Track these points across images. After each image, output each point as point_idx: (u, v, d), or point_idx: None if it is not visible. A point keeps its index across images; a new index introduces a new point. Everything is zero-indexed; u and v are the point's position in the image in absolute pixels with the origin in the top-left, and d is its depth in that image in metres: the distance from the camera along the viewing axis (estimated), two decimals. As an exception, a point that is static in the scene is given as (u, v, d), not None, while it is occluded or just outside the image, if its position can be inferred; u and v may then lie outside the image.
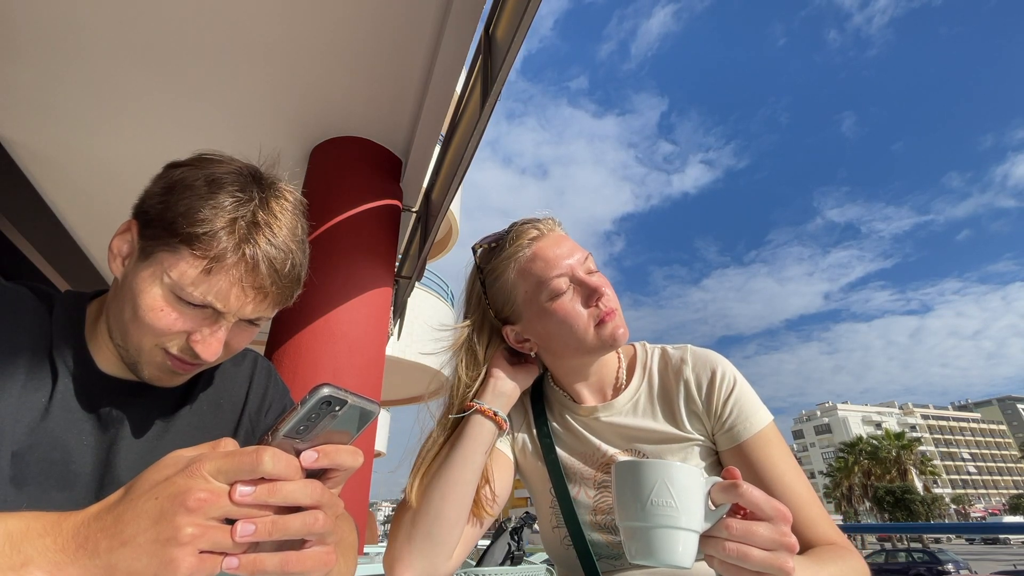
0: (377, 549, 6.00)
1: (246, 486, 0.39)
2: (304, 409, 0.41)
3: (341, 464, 0.43)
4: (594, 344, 0.85)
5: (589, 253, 0.89)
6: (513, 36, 1.99)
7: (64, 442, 0.64)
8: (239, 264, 0.62)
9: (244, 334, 0.70)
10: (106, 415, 0.68)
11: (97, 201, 3.89)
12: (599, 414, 0.91)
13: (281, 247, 0.65)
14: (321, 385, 0.41)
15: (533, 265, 0.87)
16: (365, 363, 2.80)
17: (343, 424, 0.43)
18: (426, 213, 3.72)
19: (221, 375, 0.82)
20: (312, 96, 2.90)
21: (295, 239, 0.68)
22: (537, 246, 0.88)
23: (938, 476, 57.91)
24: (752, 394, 0.85)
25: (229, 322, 0.65)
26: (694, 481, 0.52)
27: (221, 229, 0.61)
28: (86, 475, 0.66)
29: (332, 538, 0.43)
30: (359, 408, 0.43)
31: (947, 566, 19.80)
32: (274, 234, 0.65)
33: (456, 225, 10.47)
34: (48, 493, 0.62)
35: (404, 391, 11.84)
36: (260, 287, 0.64)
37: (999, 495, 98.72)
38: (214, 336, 0.64)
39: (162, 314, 0.62)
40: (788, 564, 0.50)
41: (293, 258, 0.67)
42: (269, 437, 0.42)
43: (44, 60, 2.65)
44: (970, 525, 4.03)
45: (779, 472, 0.78)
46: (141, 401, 0.71)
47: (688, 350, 0.92)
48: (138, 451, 0.70)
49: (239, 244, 0.62)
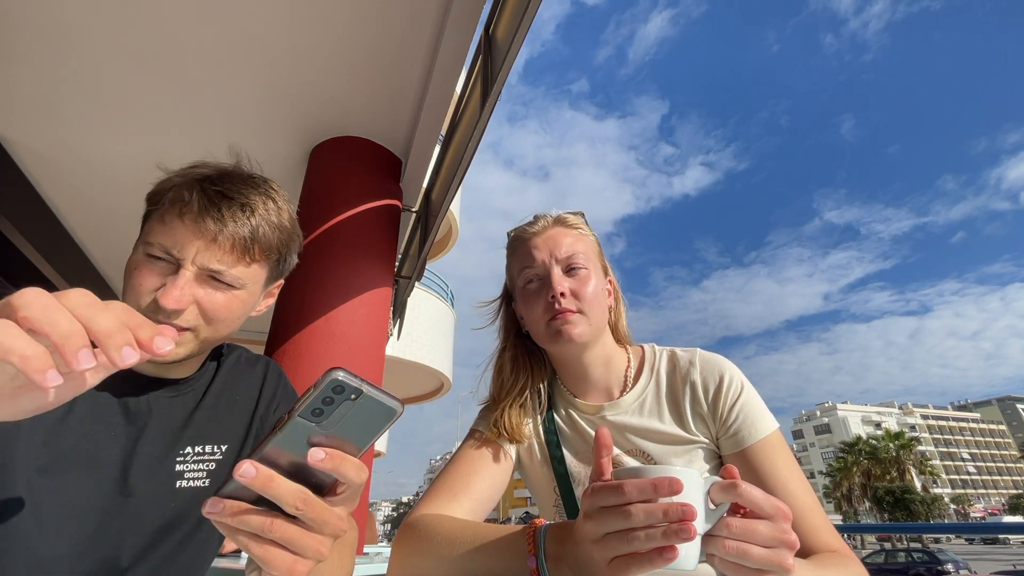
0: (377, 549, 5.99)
1: (250, 468, 0.39)
2: (317, 391, 0.39)
3: (345, 474, 0.42)
4: (545, 338, 0.91)
5: (577, 252, 0.91)
6: (513, 36, 1.99)
7: (93, 433, 0.69)
8: (190, 207, 0.68)
9: (218, 297, 0.70)
10: (134, 407, 0.73)
11: (97, 201, 3.89)
12: (605, 413, 0.91)
13: (232, 194, 0.70)
14: (335, 368, 0.39)
15: (519, 253, 0.95)
16: (365, 363, 2.80)
17: (363, 418, 0.41)
18: (426, 213, 3.72)
19: (238, 376, 0.86)
20: (312, 96, 2.90)
21: (258, 194, 0.73)
22: (532, 236, 0.94)
23: (937, 476, 57.96)
24: (759, 401, 0.86)
25: (189, 271, 0.68)
26: (693, 483, 0.52)
27: (178, 183, 0.70)
28: (111, 462, 0.70)
29: (309, 552, 0.42)
30: (380, 403, 0.41)
31: (947, 566, 19.81)
32: (228, 187, 0.70)
33: (456, 225, 10.47)
34: (76, 478, 0.66)
35: (404, 391, 11.84)
36: (208, 229, 0.68)
37: (999, 495, 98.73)
38: (174, 285, 0.67)
39: (136, 272, 0.68)
40: (788, 561, 0.50)
41: (249, 205, 0.71)
42: (286, 418, 0.40)
43: (44, 60, 2.65)
44: (970, 525, 4.02)
45: (782, 479, 0.78)
46: (166, 395, 0.76)
47: (697, 353, 0.92)
48: (162, 441, 0.74)
49: (190, 190, 0.68)
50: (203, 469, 0.77)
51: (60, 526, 0.64)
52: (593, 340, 0.91)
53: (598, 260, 0.96)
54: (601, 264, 0.97)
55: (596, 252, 0.97)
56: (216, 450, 0.79)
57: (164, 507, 0.72)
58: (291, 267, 0.85)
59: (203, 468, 0.77)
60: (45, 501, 0.64)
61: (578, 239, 0.94)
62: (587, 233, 0.97)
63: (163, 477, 0.73)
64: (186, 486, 0.75)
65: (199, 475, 0.76)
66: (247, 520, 0.40)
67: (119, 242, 0.76)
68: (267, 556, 0.41)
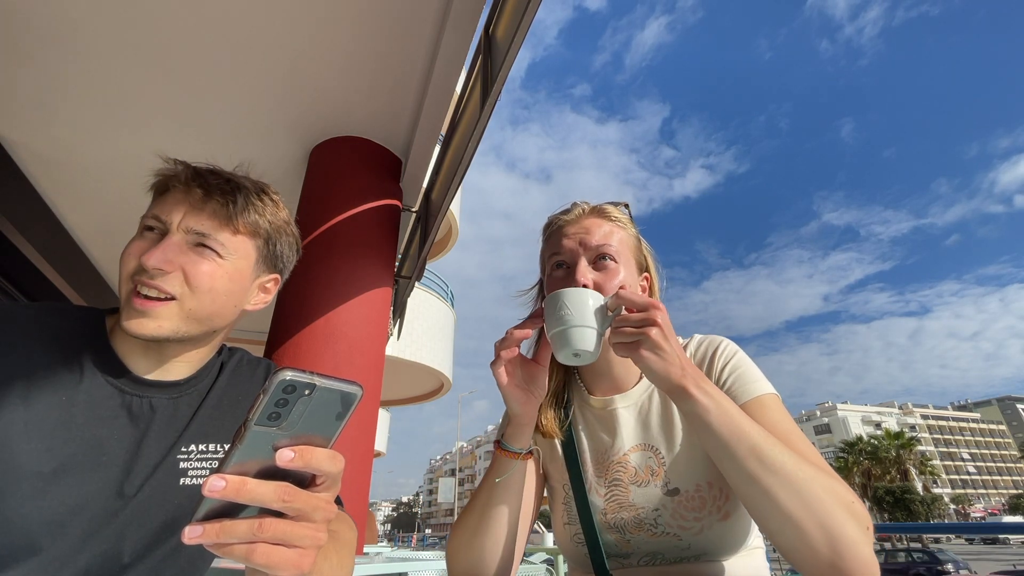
0: (377, 549, 5.99)
1: (218, 480, 0.38)
2: (267, 396, 0.38)
3: (318, 468, 0.41)
4: None
5: (609, 243, 0.87)
6: (513, 36, 1.99)
7: (98, 434, 0.70)
8: (178, 178, 0.75)
9: (203, 265, 0.73)
10: (137, 408, 0.74)
11: (97, 201, 3.89)
12: (616, 405, 0.92)
13: (222, 174, 0.77)
14: (282, 368, 0.38)
15: (551, 239, 0.93)
16: (365, 363, 2.80)
17: (323, 410, 0.40)
18: (426, 213, 3.72)
19: (240, 377, 0.86)
20: (312, 96, 2.90)
21: (249, 183, 0.79)
22: (565, 224, 0.91)
23: (938, 476, 57.92)
24: (754, 367, 0.86)
25: (176, 235, 0.73)
26: (584, 297, 0.74)
27: (172, 166, 0.77)
28: (116, 463, 0.70)
29: (307, 541, 0.42)
30: (335, 391, 0.40)
31: (947, 566, 19.79)
32: (219, 171, 0.77)
33: (456, 225, 10.46)
34: (82, 480, 0.67)
35: (404, 391, 11.83)
36: (195, 195, 0.74)
37: (999, 495, 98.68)
38: (158, 246, 0.71)
39: (129, 245, 0.74)
40: (654, 317, 0.69)
41: (236, 183, 0.77)
42: (243, 429, 0.39)
43: (44, 60, 2.65)
44: (970, 525, 4.01)
45: (775, 431, 0.72)
46: (168, 396, 0.77)
47: (695, 337, 0.95)
48: (166, 440, 0.75)
49: (183, 168, 0.76)
50: (206, 467, 0.77)
51: (65, 525, 0.65)
52: None
53: (632, 254, 0.91)
54: (636, 259, 0.92)
55: (632, 246, 0.91)
56: (219, 448, 0.79)
57: (167, 505, 0.72)
58: (286, 263, 0.86)
59: (206, 466, 0.77)
60: (50, 502, 0.64)
61: (614, 230, 0.89)
62: (625, 224, 0.92)
63: (166, 475, 0.73)
64: (189, 484, 0.75)
65: (202, 473, 0.76)
66: (234, 531, 0.40)
67: (119, 242, 0.77)
68: (270, 559, 0.41)
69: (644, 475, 0.87)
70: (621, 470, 0.89)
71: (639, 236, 0.95)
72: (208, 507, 0.40)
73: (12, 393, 0.66)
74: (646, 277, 0.95)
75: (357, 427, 2.62)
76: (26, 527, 0.62)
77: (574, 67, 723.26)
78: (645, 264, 0.95)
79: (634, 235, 0.94)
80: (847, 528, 0.61)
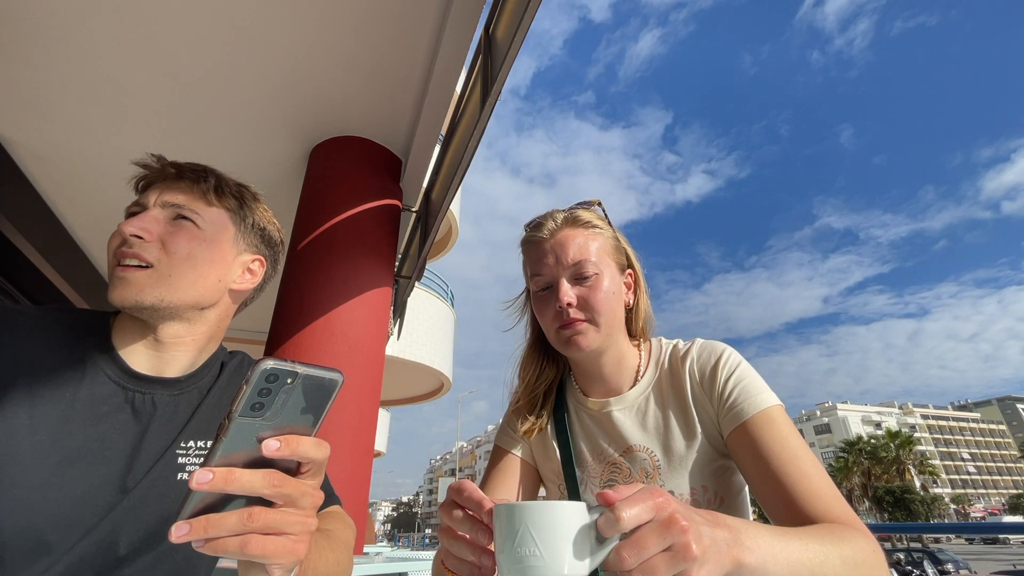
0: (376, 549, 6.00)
1: (205, 473, 0.39)
2: (250, 387, 0.38)
3: (305, 455, 0.42)
4: (556, 344, 0.90)
5: (587, 257, 0.87)
6: (513, 36, 1.99)
7: (100, 430, 0.71)
8: (150, 167, 0.81)
9: (181, 233, 0.77)
10: (139, 404, 0.76)
11: (97, 201, 3.89)
12: (611, 408, 0.92)
13: (189, 161, 0.83)
14: (263, 358, 0.39)
15: (530, 256, 0.93)
16: (365, 363, 2.80)
17: (306, 399, 0.41)
18: (426, 213, 3.72)
19: (240, 377, 0.87)
20: (312, 96, 2.90)
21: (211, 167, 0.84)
22: (541, 241, 0.91)
23: (937, 476, 57.89)
24: (758, 378, 0.84)
25: (154, 210, 0.78)
26: (562, 521, 0.43)
27: (146, 159, 0.82)
28: (118, 458, 0.72)
29: (297, 528, 0.43)
30: (316, 378, 0.40)
31: (947, 566, 19.80)
32: (192, 163, 0.82)
33: (456, 225, 10.46)
34: (85, 474, 0.69)
35: (404, 391, 11.84)
36: (169, 173, 0.80)
37: (999, 495, 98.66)
38: (137, 216, 0.77)
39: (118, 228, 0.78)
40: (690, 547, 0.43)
41: (202, 165, 0.83)
42: (227, 422, 0.39)
43: (44, 60, 2.65)
44: (970, 525, 4.00)
45: (783, 448, 0.73)
46: (170, 393, 0.79)
47: (696, 341, 0.93)
48: (166, 436, 0.77)
49: (153, 159, 0.82)
50: None
51: (70, 516, 0.66)
52: (604, 345, 0.90)
53: (612, 258, 0.91)
54: (616, 261, 0.92)
55: (610, 248, 0.91)
56: None
57: (164, 499, 0.73)
58: (269, 245, 0.89)
59: None
60: (55, 494, 0.66)
61: (589, 238, 0.89)
62: (601, 228, 0.91)
63: (164, 470, 0.74)
64: (186, 479, 0.75)
65: None
66: (222, 524, 0.40)
67: (119, 242, 0.77)
68: (266, 549, 0.41)
69: (639, 477, 0.87)
70: (616, 472, 0.89)
71: (616, 235, 0.95)
72: (195, 503, 0.40)
73: (18, 390, 0.68)
74: (630, 273, 0.95)
75: (357, 427, 2.62)
76: (31, 517, 0.64)
77: (577, 75, 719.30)
78: (627, 260, 0.95)
79: (611, 236, 0.93)
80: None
